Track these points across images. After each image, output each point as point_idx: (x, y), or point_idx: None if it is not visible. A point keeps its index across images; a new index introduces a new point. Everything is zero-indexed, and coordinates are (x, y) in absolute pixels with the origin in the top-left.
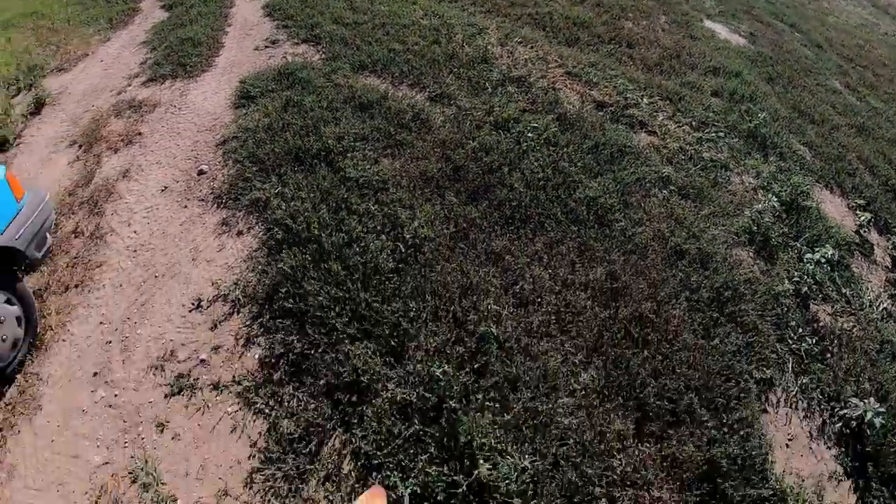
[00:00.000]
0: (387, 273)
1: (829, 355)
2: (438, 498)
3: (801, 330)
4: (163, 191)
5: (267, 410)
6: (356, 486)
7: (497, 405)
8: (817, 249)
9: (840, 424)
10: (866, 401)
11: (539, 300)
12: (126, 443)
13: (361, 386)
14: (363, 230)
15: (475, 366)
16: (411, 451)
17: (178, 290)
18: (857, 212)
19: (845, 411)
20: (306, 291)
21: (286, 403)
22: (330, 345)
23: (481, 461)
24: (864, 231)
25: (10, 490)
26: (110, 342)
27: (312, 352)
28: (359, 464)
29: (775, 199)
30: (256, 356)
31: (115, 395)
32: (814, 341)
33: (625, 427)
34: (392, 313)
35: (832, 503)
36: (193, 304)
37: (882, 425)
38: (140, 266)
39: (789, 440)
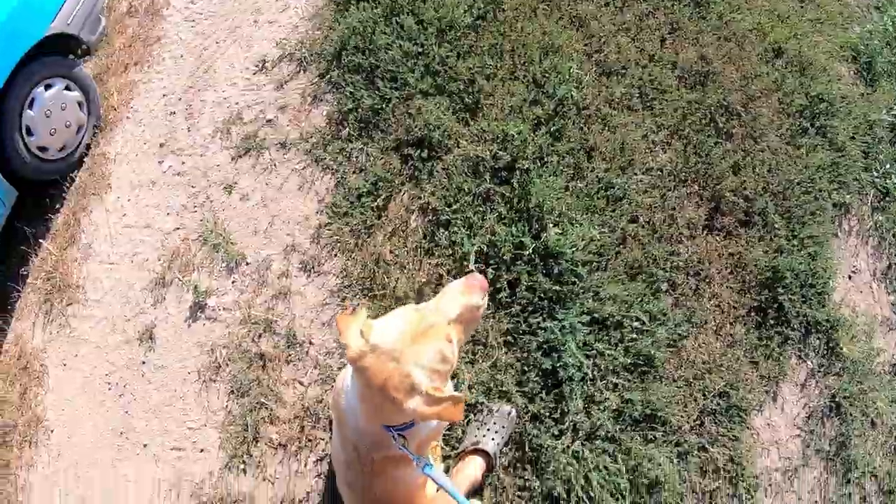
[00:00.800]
0: (463, 28)
1: None
2: (504, 258)
3: (888, 166)
4: None
5: (335, 166)
6: (422, 242)
7: (571, 171)
8: None
9: None
10: None
11: (623, 72)
12: (195, 207)
13: (433, 142)
14: None
15: (552, 129)
16: (480, 210)
17: (240, 53)
18: None
19: None
20: (377, 46)
21: (354, 159)
22: (401, 100)
23: (550, 225)
24: None
25: (87, 268)
26: (174, 112)
27: (383, 107)
28: (426, 220)
29: (890, 23)
30: (324, 113)
31: (182, 163)
32: None
33: (696, 216)
34: (468, 70)
35: (878, 348)
36: (257, 66)
37: None
38: (199, 35)
39: (853, 272)
